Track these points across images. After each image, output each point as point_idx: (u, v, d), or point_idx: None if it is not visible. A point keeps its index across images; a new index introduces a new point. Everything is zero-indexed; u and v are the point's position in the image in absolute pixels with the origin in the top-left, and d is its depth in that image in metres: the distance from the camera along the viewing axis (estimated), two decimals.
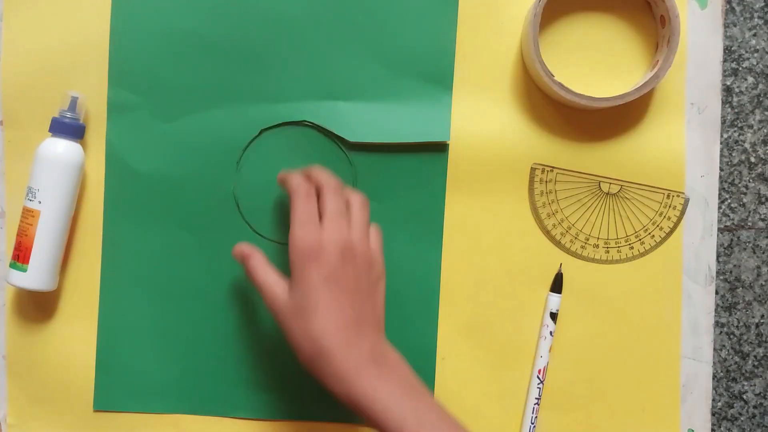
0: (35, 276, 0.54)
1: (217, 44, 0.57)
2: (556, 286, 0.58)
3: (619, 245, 0.59)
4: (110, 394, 0.58)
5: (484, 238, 0.58)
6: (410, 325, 0.58)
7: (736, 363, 0.66)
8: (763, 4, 0.62)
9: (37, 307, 0.58)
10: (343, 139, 0.57)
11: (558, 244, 0.59)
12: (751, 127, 0.64)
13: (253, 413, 0.58)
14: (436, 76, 0.57)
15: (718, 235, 0.62)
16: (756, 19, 0.63)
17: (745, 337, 0.67)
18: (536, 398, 0.58)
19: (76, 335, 0.58)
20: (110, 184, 0.57)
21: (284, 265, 0.50)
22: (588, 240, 0.59)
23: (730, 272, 0.64)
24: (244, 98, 0.57)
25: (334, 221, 0.48)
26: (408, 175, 0.58)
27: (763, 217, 0.65)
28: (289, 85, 0.57)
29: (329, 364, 0.46)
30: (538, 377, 0.58)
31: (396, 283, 0.57)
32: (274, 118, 0.57)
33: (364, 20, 0.57)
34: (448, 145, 0.58)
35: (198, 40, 0.57)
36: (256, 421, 0.58)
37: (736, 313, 0.65)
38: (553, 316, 0.58)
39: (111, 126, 0.57)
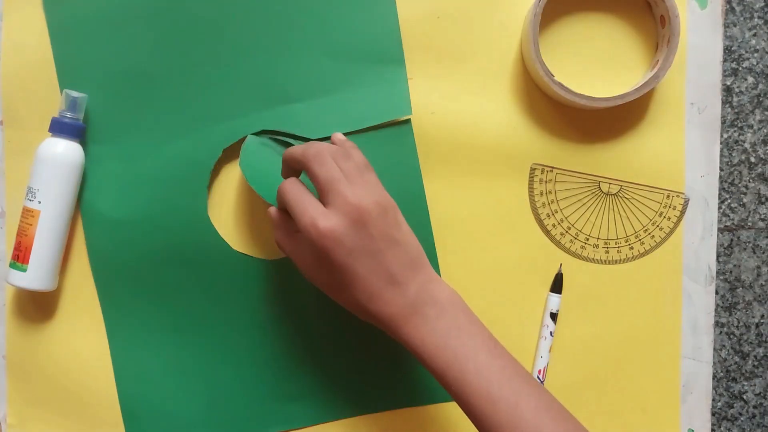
0: (35, 276, 0.54)
1: (165, 76, 0.57)
2: (556, 286, 0.58)
3: (619, 245, 0.59)
4: None
5: (484, 238, 0.58)
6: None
7: (736, 363, 0.66)
8: (763, 4, 0.62)
9: (37, 307, 0.58)
10: (306, 138, 0.57)
11: (558, 244, 0.59)
12: (751, 127, 0.64)
13: (288, 424, 0.58)
14: (385, 55, 0.57)
15: (718, 235, 0.62)
16: (756, 19, 0.63)
17: (745, 337, 0.67)
18: None
19: (76, 335, 0.58)
20: (91, 238, 0.57)
21: (271, 280, 0.52)
22: (588, 240, 0.59)
23: (730, 272, 0.64)
24: (204, 122, 0.57)
25: (333, 190, 0.47)
26: (379, 158, 0.57)
27: (763, 217, 0.65)
28: (243, 98, 0.57)
29: (381, 322, 0.48)
30: (538, 377, 0.58)
31: None
32: (236, 134, 0.57)
33: (303, 18, 0.57)
34: (410, 120, 0.57)
35: (146, 78, 0.57)
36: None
37: (736, 313, 0.65)
38: (553, 316, 0.58)
39: (84, 181, 0.57)
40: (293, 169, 0.51)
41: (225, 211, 0.58)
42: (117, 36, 0.57)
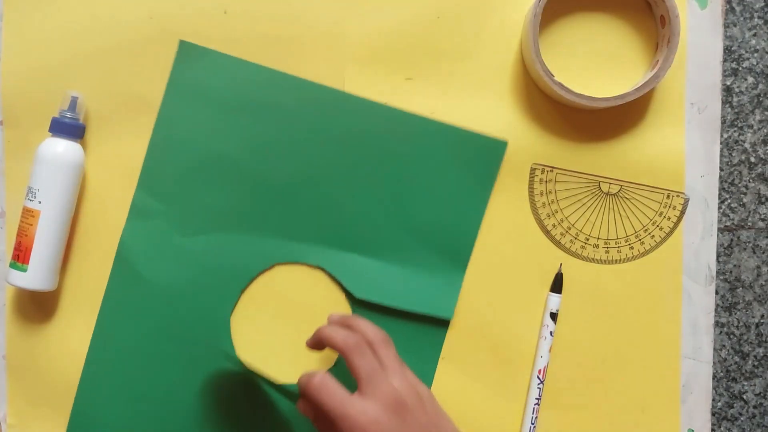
0: (35, 276, 0.54)
1: (246, 172, 0.57)
2: (556, 286, 0.58)
3: (619, 245, 0.59)
4: None
5: (484, 238, 0.58)
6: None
7: (736, 363, 0.66)
8: (763, 4, 0.62)
9: (37, 307, 0.58)
10: (350, 292, 0.57)
11: (558, 244, 0.59)
12: (751, 127, 0.64)
13: None
14: (453, 254, 0.58)
15: (718, 235, 0.62)
16: (756, 19, 0.63)
17: (745, 337, 0.67)
18: (536, 398, 0.58)
19: (76, 335, 0.58)
20: (114, 282, 0.57)
21: (266, 401, 0.54)
22: (588, 240, 0.59)
23: (730, 272, 0.64)
24: (263, 229, 0.57)
25: (371, 384, 0.47)
26: (404, 342, 0.57)
27: (763, 217, 0.65)
28: (310, 226, 0.57)
29: None
30: (538, 377, 0.58)
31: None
32: (287, 254, 0.57)
33: (396, 182, 0.57)
34: (449, 321, 0.58)
35: (230, 165, 0.57)
36: None
37: (736, 313, 0.65)
38: (553, 316, 0.58)
39: (128, 226, 0.57)
40: (318, 346, 0.52)
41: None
42: (217, 124, 0.57)
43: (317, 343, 0.52)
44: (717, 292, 0.62)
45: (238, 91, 0.57)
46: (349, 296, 0.58)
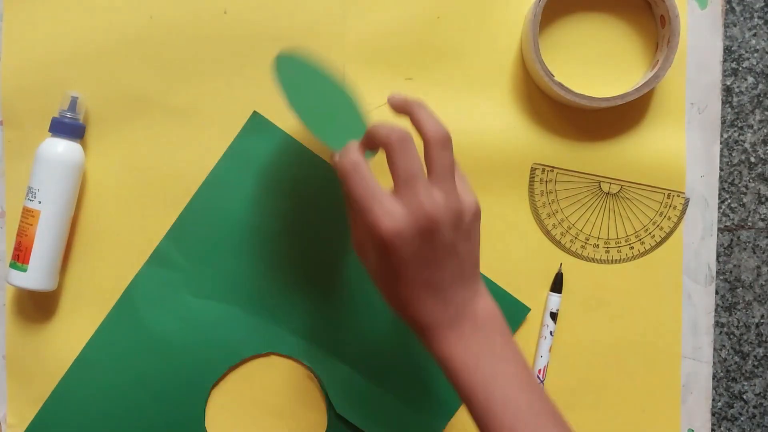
0: (35, 276, 0.54)
1: (274, 254, 0.57)
2: (556, 286, 0.58)
3: (619, 245, 0.59)
4: None
5: (485, 238, 0.58)
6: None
7: (736, 363, 0.66)
8: (763, 4, 0.62)
9: (37, 307, 0.58)
10: (331, 403, 0.57)
11: (558, 244, 0.59)
12: (751, 127, 0.64)
13: None
14: (442, 401, 0.58)
15: (718, 235, 0.62)
16: (756, 19, 0.63)
17: (745, 337, 0.67)
18: None
19: (76, 335, 0.58)
20: (112, 317, 0.57)
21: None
22: (588, 240, 0.59)
23: (730, 272, 0.64)
24: (272, 315, 0.57)
25: (408, 189, 0.42)
26: None
27: (763, 217, 0.65)
28: (317, 327, 0.57)
29: (417, 329, 0.45)
30: (538, 377, 0.58)
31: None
32: (286, 347, 0.57)
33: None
34: None
35: (261, 243, 0.57)
36: None
37: (736, 313, 0.65)
38: (553, 316, 0.58)
39: (145, 270, 0.57)
40: (370, 144, 0.45)
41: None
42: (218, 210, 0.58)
43: (369, 141, 0.45)
44: (717, 292, 0.62)
45: (288, 172, 0.57)
46: (330, 407, 0.57)
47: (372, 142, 0.45)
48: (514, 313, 0.58)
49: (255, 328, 0.57)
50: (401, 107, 0.46)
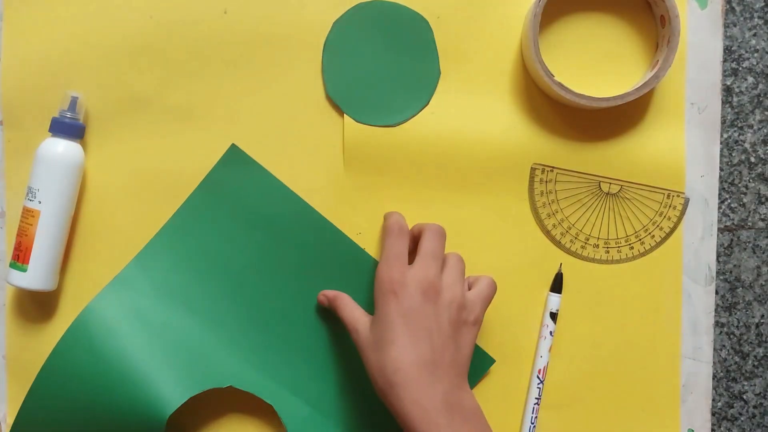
0: (35, 276, 0.54)
1: (240, 290, 0.57)
2: (556, 286, 0.58)
3: (619, 245, 0.59)
4: None
5: (484, 238, 0.58)
6: None
7: (736, 363, 0.66)
8: (763, 4, 0.62)
9: (37, 307, 0.58)
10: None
11: (558, 244, 0.59)
12: (751, 127, 0.64)
13: None
14: None
15: (718, 235, 0.62)
16: (756, 19, 0.63)
17: (745, 337, 0.67)
18: (536, 398, 0.58)
19: None
20: (65, 344, 0.54)
21: None
22: (588, 240, 0.59)
23: (730, 272, 0.64)
24: (235, 349, 0.56)
25: (424, 260, 0.49)
26: None
27: (763, 217, 0.65)
28: (280, 363, 0.56)
29: (399, 401, 0.45)
30: (538, 377, 0.58)
31: None
32: (247, 382, 0.55)
33: None
34: None
35: (228, 277, 0.57)
36: None
37: (736, 313, 0.65)
38: (553, 316, 0.58)
39: (104, 294, 0.56)
40: (405, 233, 0.52)
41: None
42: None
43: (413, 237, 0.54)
44: (717, 292, 0.62)
45: (262, 209, 0.57)
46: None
47: (403, 231, 0.52)
48: (481, 362, 0.58)
49: (217, 360, 0.55)
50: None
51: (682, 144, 0.59)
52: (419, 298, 0.47)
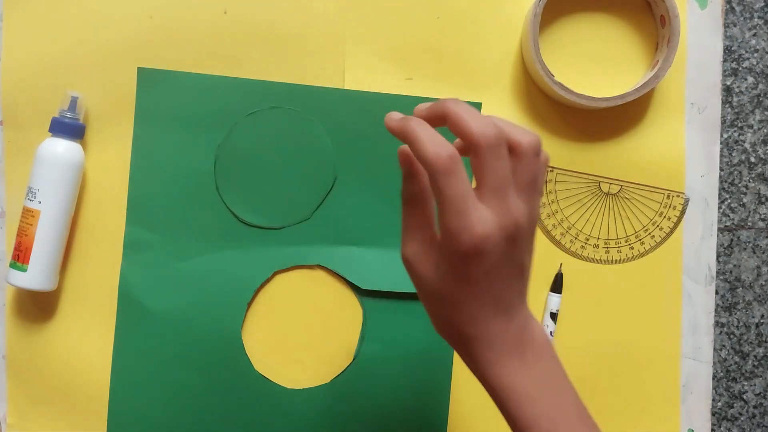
0: (35, 276, 0.54)
1: (227, 185, 0.58)
2: (556, 286, 0.58)
3: (619, 245, 0.59)
4: None
5: None
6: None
7: (736, 363, 0.66)
8: (763, 4, 0.62)
9: (37, 307, 0.58)
10: (355, 285, 0.58)
11: (558, 244, 0.59)
12: (751, 127, 0.64)
13: None
14: None
15: (718, 235, 0.62)
16: (756, 19, 0.63)
17: (745, 337, 0.67)
18: None
19: (76, 335, 0.58)
20: (122, 321, 0.57)
21: (288, 411, 0.49)
22: (588, 240, 0.59)
23: (730, 272, 0.64)
24: (256, 240, 0.57)
25: (496, 198, 0.38)
26: (417, 320, 0.58)
27: (763, 217, 0.65)
28: (302, 227, 0.58)
29: (472, 352, 0.41)
30: None
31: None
32: (285, 260, 0.57)
33: (386, 169, 0.58)
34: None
35: (211, 181, 0.57)
36: None
37: (736, 313, 0.65)
38: (553, 316, 0.58)
39: (126, 263, 0.57)
40: (439, 121, 0.38)
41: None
42: (192, 141, 0.57)
43: (436, 117, 0.38)
44: (717, 292, 0.62)
45: (202, 105, 0.57)
46: (356, 289, 0.58)
47: (438, 119, 0.38)
48: None
49: (249, 259, 0.57)
50: (436, 115, 0.38)
51: (682, 144, 0.59)
52: (503, 250, 0.38)
